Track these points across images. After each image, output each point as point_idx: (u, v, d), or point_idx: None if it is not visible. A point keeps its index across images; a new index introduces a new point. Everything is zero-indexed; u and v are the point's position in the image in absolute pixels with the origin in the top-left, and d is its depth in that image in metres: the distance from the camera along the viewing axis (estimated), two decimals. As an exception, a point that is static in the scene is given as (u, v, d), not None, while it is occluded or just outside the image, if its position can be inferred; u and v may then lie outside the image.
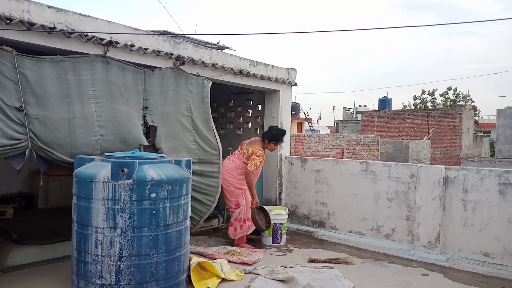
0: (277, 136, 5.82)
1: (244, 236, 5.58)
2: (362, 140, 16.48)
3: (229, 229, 5.59)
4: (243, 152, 5.70)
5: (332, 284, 4.21)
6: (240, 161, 5.67)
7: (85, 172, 3.72)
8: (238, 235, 5.53)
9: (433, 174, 5.36)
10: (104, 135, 4.34)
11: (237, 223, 5.54)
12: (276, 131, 5.86)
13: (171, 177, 3.79)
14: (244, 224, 5.54)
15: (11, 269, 4.33)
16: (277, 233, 5.68)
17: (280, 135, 5.88)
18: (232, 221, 5.59)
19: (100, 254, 3.58)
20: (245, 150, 5.69)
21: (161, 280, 3.72)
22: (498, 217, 4.91)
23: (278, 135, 5.85)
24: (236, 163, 5.66)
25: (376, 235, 5.87)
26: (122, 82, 4.54)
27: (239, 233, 5.53)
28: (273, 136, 5.80)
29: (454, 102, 37.01)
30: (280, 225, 5.70)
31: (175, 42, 5.17)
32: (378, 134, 22.88)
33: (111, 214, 3.58)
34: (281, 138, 5.92)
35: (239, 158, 5.70)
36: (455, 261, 5.08)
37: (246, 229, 5.56)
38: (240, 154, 5.72)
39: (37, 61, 3.93)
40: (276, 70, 6.69)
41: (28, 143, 3.86)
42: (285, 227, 5.80)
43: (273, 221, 5.66)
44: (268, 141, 5.79)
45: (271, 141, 5.79)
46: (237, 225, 5.54)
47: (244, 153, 5.68)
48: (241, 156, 5.69)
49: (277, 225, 5.68)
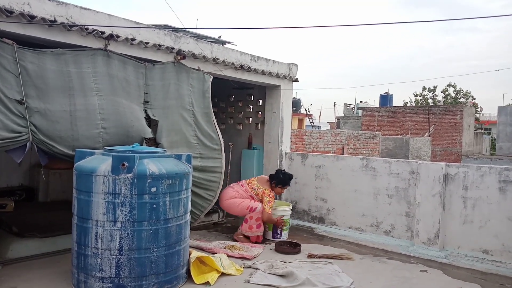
0: (284, 180, 5.78)
1: (260, 235, 5.55)
2: (363, 136, 16.48)
3: (243, 225, 5.51)
4: (253, 187, 5.67)
5: (331, 280, 4.22)
6: (246, 193, 5.65)
7: (86, 165, 3.72)
8: (254, 233, 5.49)
9: (433, 171, 5.36)
10: (106, 128, 4.33)
11: (253, 222, 5.49)
12: (283, 176, 5.82)
13: (171, 171, 3.79)
14: (262, 224, 5.52)
15: (12, 261, 4.35)
16: (277, 228, 5.68)
17: (287, 180, 5.83)
18: (247, 218, 5.51)
19: (100, 248, 3.59)
20: (255, 186, 5.66)
21: (161, 273, 3.73)
22: (497, 215, 4.91)
23: (285, 179, 5.81)
24: (239, 193, 5.64)
25: (375, 231, 5.88)
26: (124, 76, 4.53)
27: (255, 231, 5.49)
28: (281, 180, 5.76)
29: (455, 99, 36.93)
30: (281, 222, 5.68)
31: (176, 36, 5.16)
32: (379, 131, 22.88)
33: (111, 207, 3.58)
34: (288, 182, 5.87)
35: (246, 191, 5.67)
36: (454, 258, 5.09)
37: (262, 229, 5.55)
38: (248, 188, 5.69)
39: (38, 53, 3.93)
40: (277, 65, 6.68)
41: (29, 136, 3.86)
42: (287, 222, 5.78)
43: (275, 216, 5.65)
44: (275, 184, 5.75)
45: (278, 185, 5.75)
46: (253, 223, 5.48)
47: (253, 189, 5.65)
48: (249, 189, 5.67)
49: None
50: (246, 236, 5.51)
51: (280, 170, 6.00)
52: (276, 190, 5.78)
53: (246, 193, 5.66)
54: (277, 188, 5.77)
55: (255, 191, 5.64)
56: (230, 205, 5.59)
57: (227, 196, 5.61)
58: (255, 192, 5.63)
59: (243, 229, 5.53)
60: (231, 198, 5.59)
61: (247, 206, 5.53)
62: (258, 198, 5.63)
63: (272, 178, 5.79)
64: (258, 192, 5.62)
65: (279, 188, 5.77)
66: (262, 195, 5.58)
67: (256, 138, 7.29)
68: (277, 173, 5.87)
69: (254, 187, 5.68)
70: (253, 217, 5.49)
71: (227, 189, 5.69)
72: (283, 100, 6.93)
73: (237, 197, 5.60)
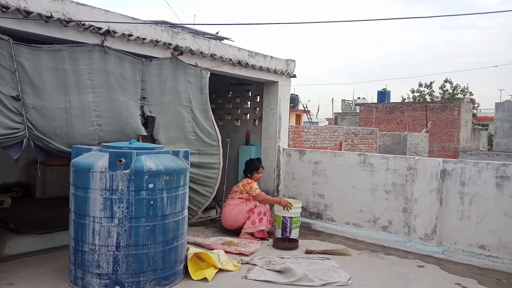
0: (253, 165, 5.94)
1: (264, 230, 5.59)
2: (361, 132, 16.50)
3: (246, 223, 5.53)
4: (234, 190, 5.82)
5: (329, 275, 4.24)
6: (238, 201, 5.69)
7: (83, 162, 3.72)
8: (257, 228, 5.52)
9: (430, 166, 5.37)
10: (101, 125, 4.32)
11: (255, 216, 5.54)
12: (251, 162, 6.01)
13: (169, 167, 3.79)
14: (264, 217, 5.57)
15: (9, 258, 4.35)
16: (286, 226, 5.64)
17: (256, 163, 5.98)
18: (249, 215, 5.56)
19: (98, 244, 3.59)
20: (235, 188, 5.82)
21: (158, 270, 3.73)
22: (494, 210, 4.93)
23: (254, 164, 5.97)
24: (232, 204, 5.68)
25: (373, 227, 5.89)
26: (120, 72, 4.52)
27: (258, 225, 5.53)
28: (251, 167, 5.94)
29: (453, 95, 36.96)
30: (290, 219, 5.64)
31: (173, 32, 5.14)
32: (377, 127, 22.89)
33: (109, 204, 3.58)
34: (258, 165, 5.98)
35: (232, 198, 5.75)
36: (451, 253, 5.11)
37: (266, 223, 5.60)
38: (234, 195, 5.78)
39: (34, 50, 3.90)
40: (275, 61, 6.66)
41: (26, 133, 3.85)
42: (295, 221, 5.71)
43: (283, 214, 5.65)
44: (250, 174, 5.90)
45: (253, 171, 5.90)
46: (255, 218, 5.54)
47: (235, 191, 5.79)
48: (235, 195, 5.76)
49: (286, 218, 5.63)
50: (251, 233, 5.52)
51: (248, 160, 6.12)
52: (254, 177, 5.89)
53: (234, 199, 5.73)
54: (254, 175, 5.89)
55: (238, 191, 5.75)
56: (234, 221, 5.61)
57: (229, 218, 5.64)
58: (239, 191, 5.74)
59: (246, 228, 5.53)
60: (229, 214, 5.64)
61: (246, 210, 5.59)
62: (245, 195, 5.71)
63: (246, 171, 5.95)
64: (241, 190, 5.73)
65: (255, 174, 5.90)
66: (244, 188, 5.71)
67: (253, 134, 7.28)
68: (246, 164, 6.03)
69: (236, 189, 5.80)
70: (254, 211, 5.54)
71: (226, 212, 5.68)
72: (281, 96, 6.92)
73: (232, 209, 5.65)
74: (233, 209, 5.64)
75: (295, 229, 5.71)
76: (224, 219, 5.73)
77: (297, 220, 5.75)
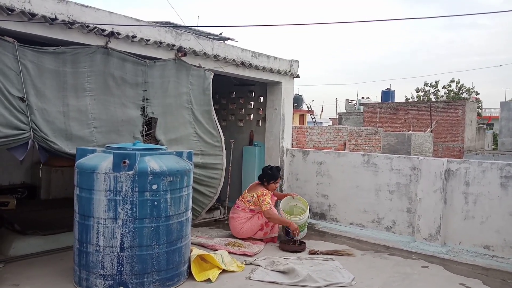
0: (273, 175, 5.62)
1: (275, 236, 5.52)
2: (365, 132, 16.44)
3: (257, 233, 5.39)
4: (247, 200, 5.47)
5: (332, 276, 4.24)
6: (246, 211, 5.44)
7: (87, 163, 3.74)
8: (268, 236, 5.46)
9: (434, 166, 5.35)
10: (98, 127, 4.38)
11: (268, 229, 5.43)
12: (271, 170, 5.67)
13: (172, 168, 3.80)
14: (276, 226, 5.48)
15: (14, 259, 4.37)
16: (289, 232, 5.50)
17: (276, 173, 5.67)
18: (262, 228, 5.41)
19: (102, 245, 3.61)
20: (249, 198, 5.47)
21: (162, 271, 3.75)
22: (499, 210, 4.91)
23: (274, 173, 5.65)
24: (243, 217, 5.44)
25: (376, 227, 5.88)
26: (120, 74, 4.54)
27: (271, 234, 5.46)
28: (270, 175, 5.61)
29: (458, 94, 36.81)
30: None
31: (177, 33, 5.15)
32: (381, 127, 22.83)
33: (113, 205, 3.60)
34: (278, 175, 5.71)
35: (244, 209, 5.46)
36: (455, 253, 5.09)
37: (277, 229, 5.54)
38: (244, 204, 5.49)
39: (38, 52, 3.94)
40: (278, 61, 6.66)
41: (31, 134, 3.88)
42: (302, 226, 5.57)
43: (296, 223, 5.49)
44: (267, 182, 5.61)
45: (270, 181, 5.61)
46: (268, 230, 5.43)
47: (249, 201, 5.45)
48: (245, 205, 5.46)
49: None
50: (260, 239, 5.44)
51: (267, 167, 5.83)
52: (270, 187, 5.60)
53: (245, 211, 5.44)
54: (271, 185, 5.61)
55: (251, 202, 5.43)
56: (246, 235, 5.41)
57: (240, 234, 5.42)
58: (252, 202, 5.42)
59: (257, 236, 5.42)
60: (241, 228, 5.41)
61: (259, 224, 5.39)
62: (258, 208, 5.39)
63: (262, 178, 5.67)
64: (254, 201, 5.40)
65: (272, 184, 5.62)
66: (258, 199, 5.39)
67: (257, 135, 7.29)
68: (265, 171, 5.72)
69: (248, 199, 5.47)
70: (269, 225, 5.41)
71: (237, 226, 5.44)
72: (284, 96, 6.93)
73: (244, 222, 5.42)
74: (245, 223, 5.40)
75: (302, 231, 5.61)
76: (234, 232, 5.48)
77: (303, 225, 5.64)
